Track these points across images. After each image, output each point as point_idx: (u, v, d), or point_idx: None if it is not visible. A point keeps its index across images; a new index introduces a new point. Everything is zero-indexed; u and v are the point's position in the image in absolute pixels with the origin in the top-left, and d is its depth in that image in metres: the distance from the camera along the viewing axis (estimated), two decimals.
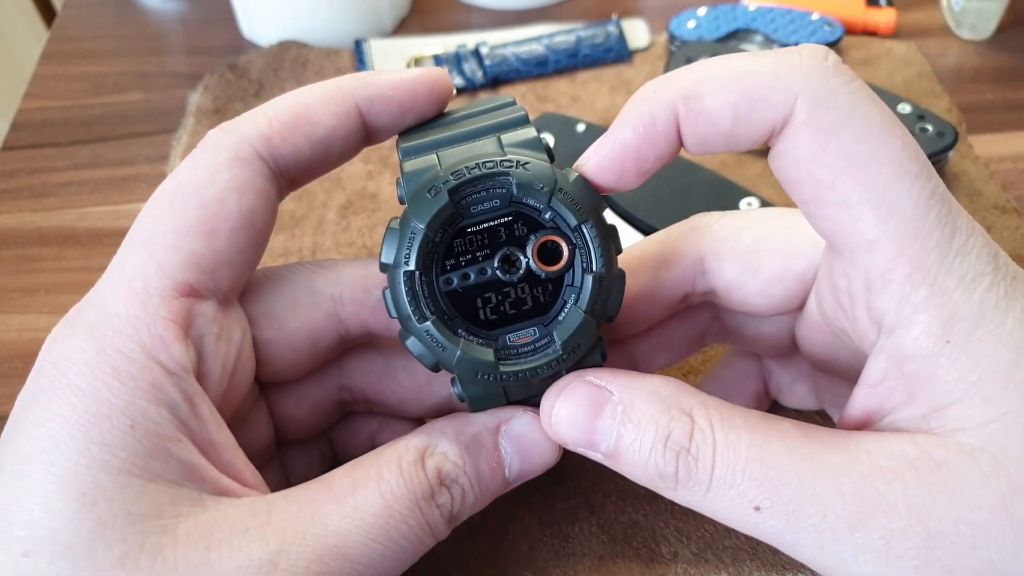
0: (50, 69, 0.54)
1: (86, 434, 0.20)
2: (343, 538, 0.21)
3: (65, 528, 0.19)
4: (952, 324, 0.20)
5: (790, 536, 0.20)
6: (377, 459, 0.23)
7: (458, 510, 0.24)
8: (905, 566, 0.19)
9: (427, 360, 0.23)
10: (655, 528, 0.30)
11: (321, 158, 0.25)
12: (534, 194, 0.22)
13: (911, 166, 0.20)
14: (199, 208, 0.23)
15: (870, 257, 0.20)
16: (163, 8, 0.59)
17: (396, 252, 0.22)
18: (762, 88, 0.21)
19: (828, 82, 0.21)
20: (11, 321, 0.39)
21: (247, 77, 0.51)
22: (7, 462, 0.20)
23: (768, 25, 0.51)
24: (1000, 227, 0.41)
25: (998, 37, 0.53)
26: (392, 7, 0.55)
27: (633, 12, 0.56)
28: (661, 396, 0.22)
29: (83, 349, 0.21)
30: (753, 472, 0.20)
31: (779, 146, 0.21)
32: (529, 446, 0.24)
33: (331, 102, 0.24)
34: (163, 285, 0.22)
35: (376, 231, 0.42)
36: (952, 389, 0.20)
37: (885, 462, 0.20)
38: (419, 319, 0.22)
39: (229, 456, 0.23)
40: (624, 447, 0.22)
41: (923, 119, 0.43)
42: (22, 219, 0.44)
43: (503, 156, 0.23)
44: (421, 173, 0.23)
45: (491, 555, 0.29)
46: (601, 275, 0.23)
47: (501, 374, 0.23)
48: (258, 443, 0.27)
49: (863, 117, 0.20)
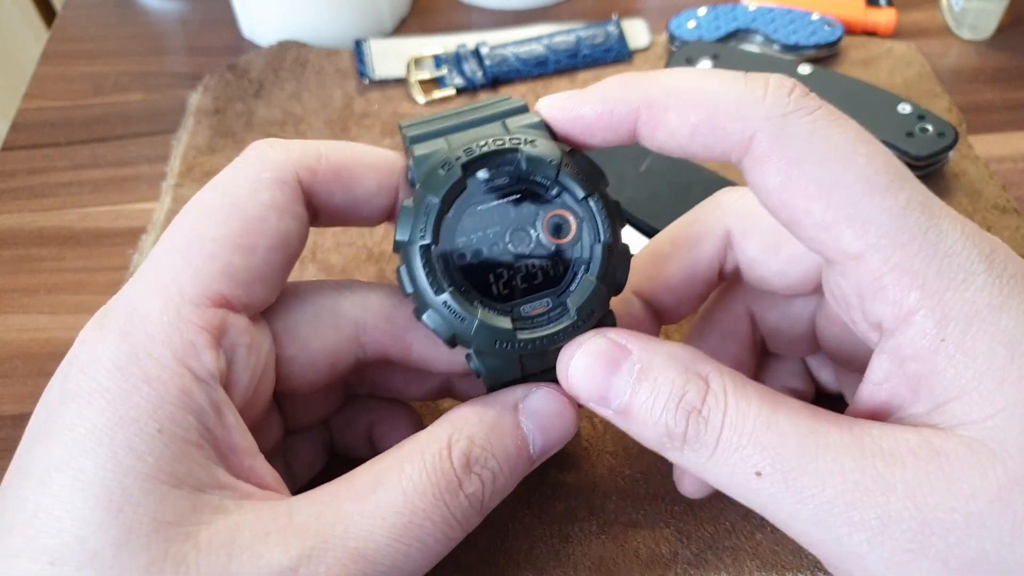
0: (50, 69, 0.54)
1: (113, 438, 0.20)
2: (365, 540, 0.21)
3: (92, 536, 0.19)
4: (946, 323, 0.20)
5: (787, 506, 0.20)
6: (399, 453, 0.23)
7: (489, 496, 0.24)
8: (899, 548, 0.19)
9: (444, 333, 0.23)
10: (655, 528, 0.30)
11: (347, 213, 0.25)
12: (543, 168, 0.23)
13: (879, 180, 0.21)
14: (240, 222, 0.23)
15: (858, 269, 0.21)
16: (163, 8, 0.59)
17: (411, 229, 0.23)
18: (722, 115, 0.22)
19: (787, 116, 0.21)
20: (11, 321, 0.39)
21: (247, 77, 0.51)
22: (35, 467, 0.20)
23: (768, 25, 0.51)
24: (1000, 227, 0.41)
25: (998, 37, 0.53)
26: (392, 7, 0.55)
27: (633, 12, 0.56)
28: (679, 359, 0.22)
29: (115, 353, 0.21)
30: (759, 438, 0.21)
31: (751, 178, 0.22)
32: (548, 420, 0.25)
33: (381, 173, 0.25)
34: (198, 293, 0.22)
35: (376, 231, 0.42)
36: (951, 386, 0.20)
37: (887, 445, 0.20)
38: (436, 291, 0.23)
39: (250, 461, 0.23)
40: (637, 404, 0.22)
41: (923, 119, 0.43)
42: (22, 219, 0.44)
43: (511, 135, 0.23)
44: (432, 155, 0.24)
45: (491, 555, 0.29)
46: (609, 244, 0.23)
47: (519, 341, 0.23)
48: (271, 443, 0.27)
49: (824, 142, 0.21)
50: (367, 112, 0.49)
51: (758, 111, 0.21)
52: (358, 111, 0.49)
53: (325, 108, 0.50)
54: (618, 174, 0.41)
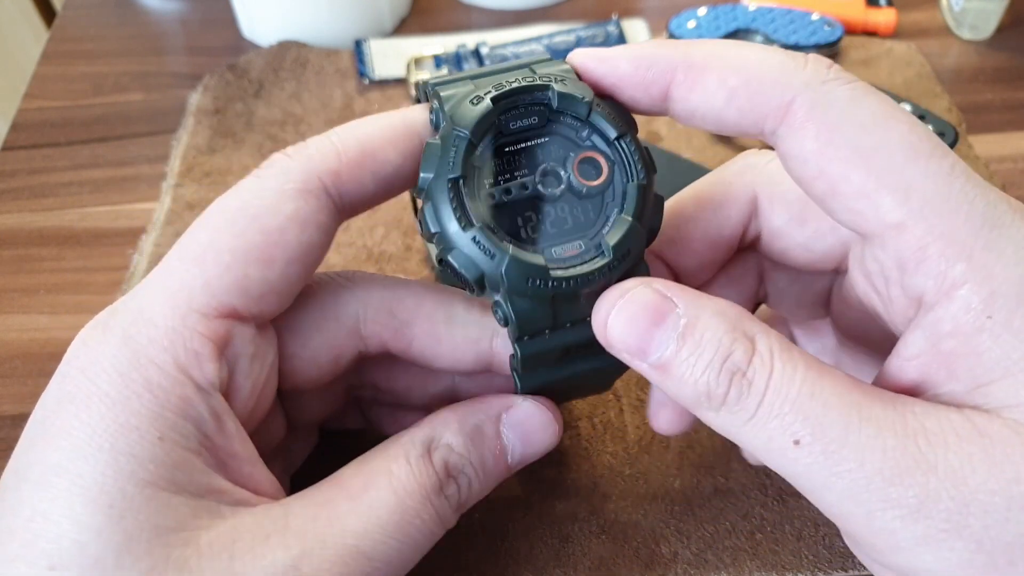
0: (50, 69, 0.54)
1: (114, 445, 0.20)
2: (361, 537, 0.21)
3: (93, 541, 0.19)
4: (994, 299, 0.19)
5: (821, 478, 0.20)
6: (385, 454, 0.23)
7: (465, 498, 0.24)
8: (934, 527, 0.19)
9: (471, 272, 0.22)
10: (655, 528, 0.30)
11: (383, 193, 0.24)
12: (575, 105, 0.22)
13: (922, 146, 0.20)
14: (259, 234, 0.22)
15: (900, 239, 0.20)
16: (163, 8, 0.59)
17: (438, 164, 0.22)
18: (763, 79, 0.21)
19: (827, 83, 0.21)
20: (11, 321, 0.39)
21: (247, 77, 0.51)
22: (33, 471, 0.20)
23: (768, 25, 0.51)
24: None
25: (998, 37, 0.53)
26: (392, 7, 0.55)
27: (633, 12, 0.56)
28: (727, 317, 0.21)
29: (116, 357, 0.21)
30: (802, 406, 0.20)
31: (786, 147, 0.22)
32: (531, 432, 0.25)
33: (399, 139, 0.24)
34: (206, 302, 0.22)
35: (376, 231, 0.42)
36: (995, 366, 0.20)
37: (930, 424, 0.20)
38: (464, 226, 0.21)
39: (249, 468, 0.23)
40: (679, 361, 0.21)
41: (923, 119, 0.43)
42: (22, 219, 0.44)
43: (540, 77, 0.23)
44: (459, 94, 0.23)
45: (491, 555, 0.29)
46: (644, 184, 0.23)
47: (552, 279, 0.22)
48: (273, 443, 0.27)
49: (865, 108, 0.21)
50: (367, 112, 0.49)
51: (799, 77, 0.21)
52: (358, 111, 0.49)
53: (325, 108, 0.50)
54: None
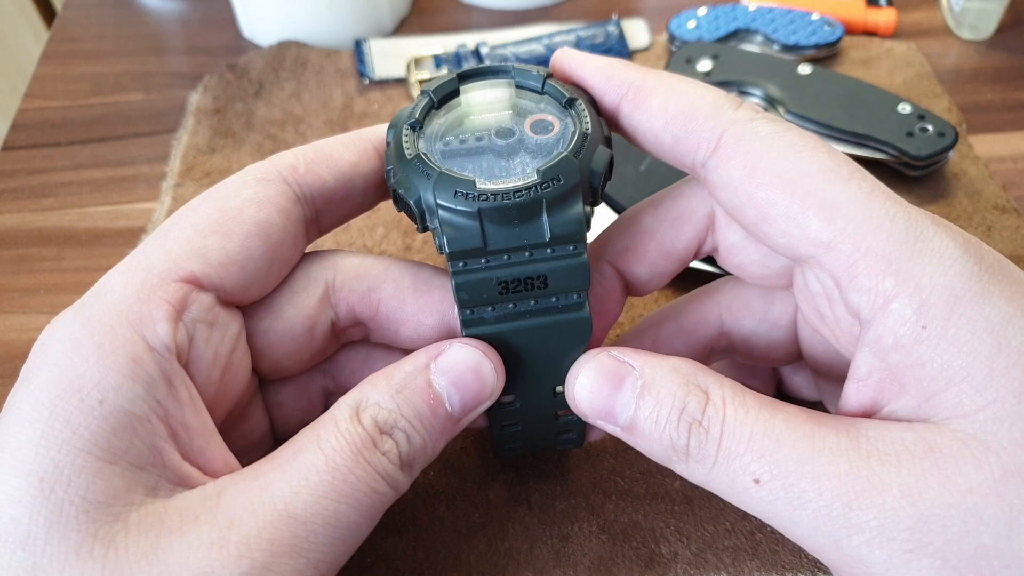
0: (50, 69, 0.54)
1: (52, 411, 0.20)
2: (291, 501, 0.21)
3: (25, 516, 0.19)
4: (925, 309, 0.20)
5: (787, 512, 0.21)
6: (314, 425, 0.23)
7: (409, 454, 0.23)
8: (897, 548, 0.19)
9: (411, 194, 0.23)
10: (655, 528, 0.30)
11: (345, 191, 0.26)
12: (530, 78, 0.25)
13: (841, 171, 0.22)
14: (218, 212, 0.24)
15: (831, 257, 0.21)
16: (163, 8, 0.59)
17: (399, 119, 0.25)
18: (698, 111, 0.23)
19: (753, 120, 0.23)
20: (11, 321, 0.39)
21: (247, 77, 0.51)
22: None
23: (768, 25, 0.51)
24: (1000, 227, 0.41)
25: (998, 37, 0.53)
26: (392, 7, 0.55)
27: (633, 12, 0.56)
28: (680, 372, 0.23)
29: (69, 326, 0.22)
30: (756, 445, 0.21)
31: (715, 177, 0.23)
32: (463, 375, 0.24)
33: (351, 144, 0.26)
34: (165, 269, 0.23)
35: (376, 231, 0.42)
36: (938, 376, 0.20)
37: (883, 446, 0.20)
38: (410, 152, 0.24)
39: (201, 442, 0.22)
40: (641, 419, 0.22)
41: (923, 119, 0.43)
42: (22, 219, 0.44)
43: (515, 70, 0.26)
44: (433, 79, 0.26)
45: (491, 555, 0.29)
46: (586, 133, 0.24)
47: (479, 192, 0.22)
48: (256, 434, 0.27)
49: (786, 140, 0.22)
50: (367, 112, 0.49)
51: (728, 115, 0.23)
52: (358, 111, 0.49)
53: (325, 108, 0.50)
54: (618, 174, 0.41)
